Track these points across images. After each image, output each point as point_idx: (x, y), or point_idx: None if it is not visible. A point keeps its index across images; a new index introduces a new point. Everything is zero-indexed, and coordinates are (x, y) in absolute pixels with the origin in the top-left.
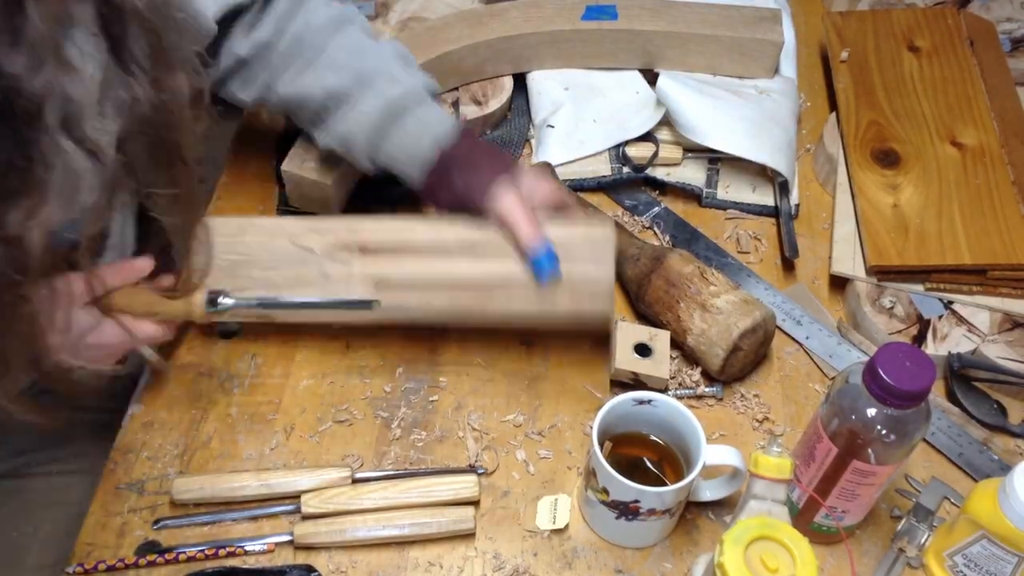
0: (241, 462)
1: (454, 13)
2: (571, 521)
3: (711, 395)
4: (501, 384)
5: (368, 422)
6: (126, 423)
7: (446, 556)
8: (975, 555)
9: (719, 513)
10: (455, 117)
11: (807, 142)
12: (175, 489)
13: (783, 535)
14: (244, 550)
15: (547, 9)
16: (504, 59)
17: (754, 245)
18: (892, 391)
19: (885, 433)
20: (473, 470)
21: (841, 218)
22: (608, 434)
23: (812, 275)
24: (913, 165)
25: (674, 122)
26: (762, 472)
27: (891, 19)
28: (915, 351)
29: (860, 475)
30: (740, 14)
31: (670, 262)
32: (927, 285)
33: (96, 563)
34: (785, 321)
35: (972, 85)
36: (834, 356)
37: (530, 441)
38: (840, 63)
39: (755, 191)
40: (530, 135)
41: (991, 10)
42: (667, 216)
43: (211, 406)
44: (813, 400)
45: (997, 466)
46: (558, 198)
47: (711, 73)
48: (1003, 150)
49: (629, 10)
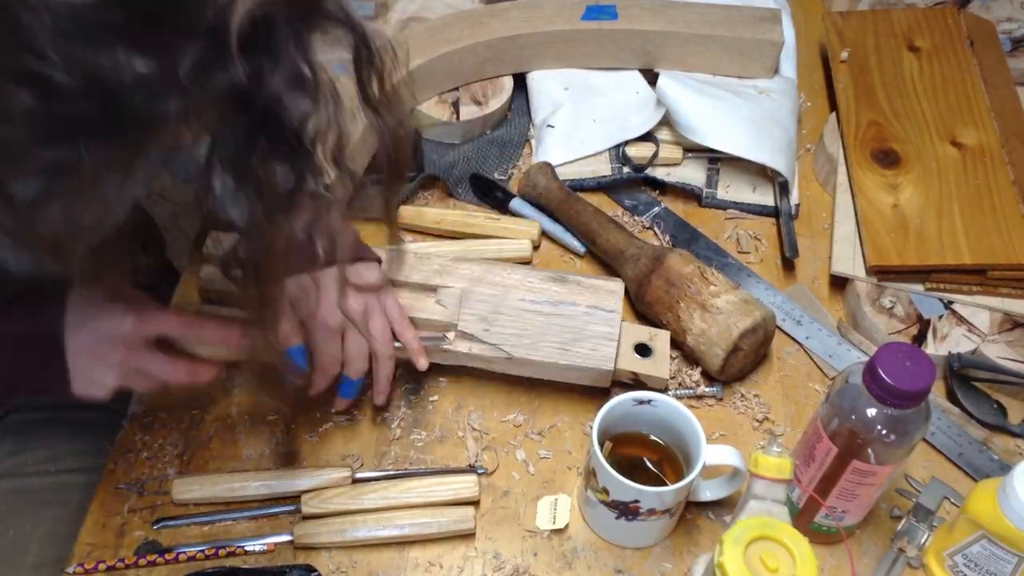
0: (241, 462)
1: (454, 13)
2: (571, 521)
3: (711, 395)
4: (501, 384)
5: (368, 422)
6: (126, 423)
7: (446, 556)
8: (975, 555)
9: (719, 513)
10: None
11: (807, 142)
12: (175, 489)
13: (783, 535)
14: (244, 550)
15: (547, 9)
16: (504, 59)
17: (754, 245)
18: (892, 391)
19: (885, 433)
20: (473, 470)
21: (841, 218)
22: (608, 434)
23: (812, 275)
24: (913, 165)
25: (674, 122)
26: (762, 472)
27: (891, 19)
28: (915, 351)
29: (860, 475)
30: (740, 14)
31: (670, 262)
32: (927, 285)
33: (96, 563)
34: (785, 321)
35: (972, 85)
36: (834, 356)
37: (530, 441)
38: (840, 63)
39: (755, 191)
40: (530, 135)
41: (991, 10)
42: (667, 216)
43: (211, 406)
44: (813, 400)
45: (997, 466)
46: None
47: (711, 73)
48: (1003, 150)
49: (629, 10)
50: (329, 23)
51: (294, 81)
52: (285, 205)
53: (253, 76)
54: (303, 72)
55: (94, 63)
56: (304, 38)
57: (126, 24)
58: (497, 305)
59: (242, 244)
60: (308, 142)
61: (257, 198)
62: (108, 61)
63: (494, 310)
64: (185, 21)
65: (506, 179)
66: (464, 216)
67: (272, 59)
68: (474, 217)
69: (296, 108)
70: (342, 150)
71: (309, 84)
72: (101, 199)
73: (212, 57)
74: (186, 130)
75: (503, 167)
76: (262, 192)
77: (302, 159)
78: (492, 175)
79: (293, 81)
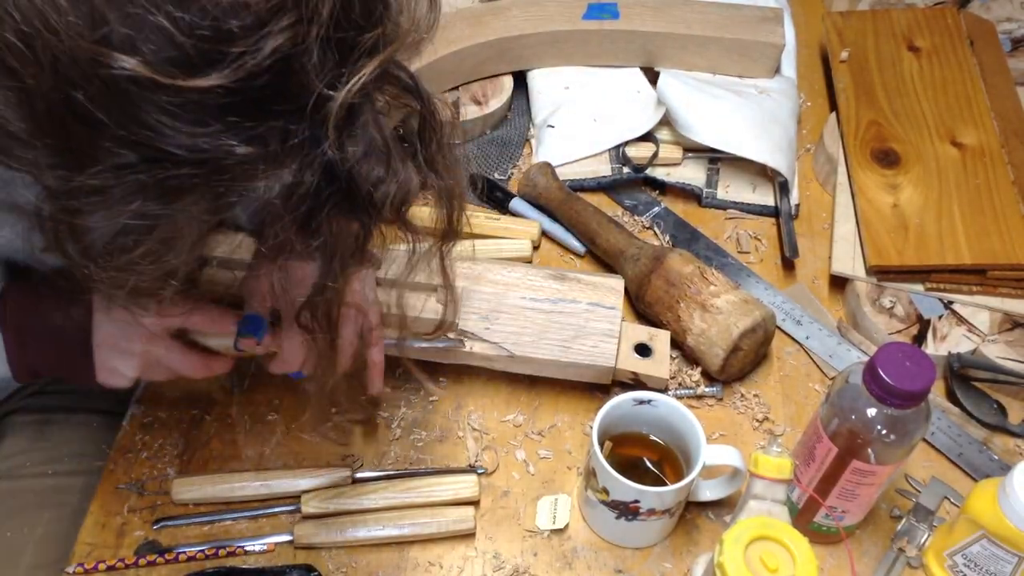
0: (241, 462)
1: (454, 13)
2: (571, 521)
3: (711, 395)
4: (501, 384)
5: (368, 422)
6: (126, 423)
7: (446, 556)
8: (975, 555)
9: (719, 513)
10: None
11: (807, 142)
12: (175, 489)
13: (783, 535)
14: (244, 550)
15: (548, 8)
16: (504, 58)
17: (754, 245)
18: (892, 391)
19: (885, 433)
20: (473, 470)
21: (841, 218)
22: (608, 434)
23: (812, 275)
24: (913, 165)
25: (674, 122)
26: (762, 472)
27: (891, 19)
28: (915, 351)
29: (860, 475)
30: (741, 14)
31: (670, 262)
32: (927, 285)
33: (96, 563)
34: (785, 321)
35: (972, 85)
36: (834, 356)
37: (530, 441)
38: (840, 63)
39: (755, 191)
40: (530, 135)
41: (991, 10)
42: (667, 216)
43: (211, 406)
44: (813, 400)
45: (997, 466)
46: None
47: (711, 73)
48: (1003, 150)
49: (630, 9)
50: (401, 92)
51: (371, 149)
52: (355, 259)
53: (339, 150)
54: (378, 140)
55: (198, 141)
56: (381, 109)
57: (234, 109)
58: (498, 303)
59: (314, 295)
60: (379, 203)
61: (329, 252)
62: (211, 142)
63: (495, 308)
64: (289, 109)
65: (506, 179)
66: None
67: (355, 133)
68: (474, 217)
69: (371, 174)
70: (406, 210)
71: (382, 151)
72: (178, 246)
73: (309, 140)
74: (267, 187)
75: (503, 167)
76: (335, 248)
77: (372, 219)
78: (492, 175)
79: (370, 149)
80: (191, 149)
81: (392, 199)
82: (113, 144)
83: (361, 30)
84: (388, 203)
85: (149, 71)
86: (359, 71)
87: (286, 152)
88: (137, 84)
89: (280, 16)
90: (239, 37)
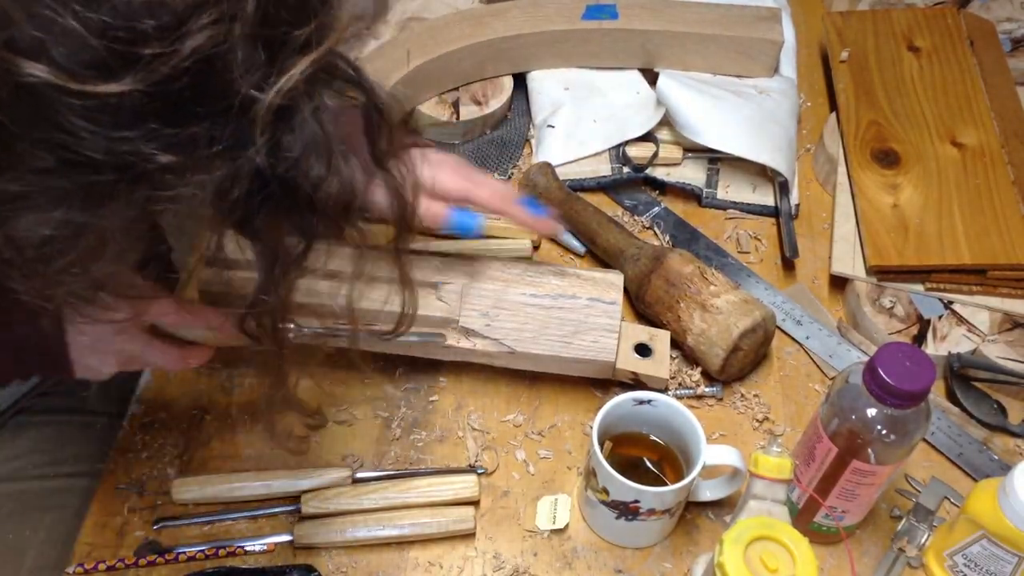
0: (241, 462)
1: (454, 13)
2: (571, 521)
3: (711, 395)
4: (501, 384)
5: (368, 422)
6: (126, 423)
7: (446, 556)
8: (975, 555)
9: (719, 513)
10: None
11: (807, 142)
12: (175, 489)
13: (783, 535)
14: (244, 550)
15: (547, 9)
16: (504, 59)
17: (754, 245)
18: (892, 391)
19: (885, 433)
20: (473, 470)
21: (841, 218)
22: (608, 434)
23: (812, 275)
24: (913, 165)
25: (674, 122)
26: (762, 472)
27: (891, 19)
28: (915, 351)
29: (860, 475)
30: (740, 14)
31: (670, 262)
32: (927, 285)
33: (96, 563)
34: (785, 321)
35: (972, 85)
36: (834, 356)
37: (530, 441)
38: (840, 63)
39: (755, 191)
40: (530, 135)
41: (991, 10)
42: (667, 216)
43: (211, 406)
44: (813, 400)
45: (997, 466)
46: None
47: (711, 73)
48: (1003, 150)
49: (629, 9)
50: (341, 85)
51: (310, 148)
52: (297, 263)
53: (272, 152)
54: (319, 137)
55: (117, 146)
56: (320, 106)
57: (154, 113)
58: (498, 300)
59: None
60: (321, 203)
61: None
62: (132, 146)
63: (495, 305)
64: (213, 112)
65: (506, 179)
66: None
67: (292, 132)
68: None
69: (311, 173)
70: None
71: (323, 149)
72: (106, 254)
73: (237, 144)
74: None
75: (503, 167)
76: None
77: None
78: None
79: (309, 148)
80: (111, 153)
81: (335, 198)
82: (30, 147)
83: (292, 26)
84: (331, 202)
85: (59, 77)
86: (289, 70)
87: (213, 157)
88: (49, 88)
89: (200, 14)
90: (155, 38)
